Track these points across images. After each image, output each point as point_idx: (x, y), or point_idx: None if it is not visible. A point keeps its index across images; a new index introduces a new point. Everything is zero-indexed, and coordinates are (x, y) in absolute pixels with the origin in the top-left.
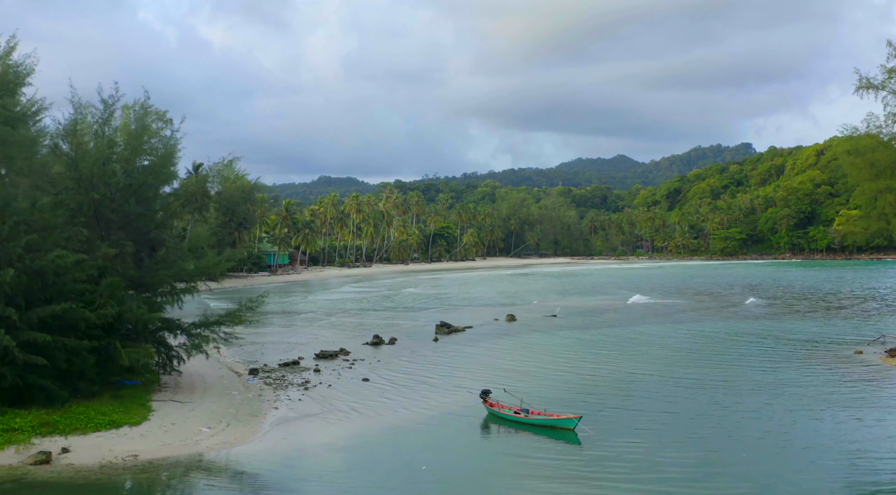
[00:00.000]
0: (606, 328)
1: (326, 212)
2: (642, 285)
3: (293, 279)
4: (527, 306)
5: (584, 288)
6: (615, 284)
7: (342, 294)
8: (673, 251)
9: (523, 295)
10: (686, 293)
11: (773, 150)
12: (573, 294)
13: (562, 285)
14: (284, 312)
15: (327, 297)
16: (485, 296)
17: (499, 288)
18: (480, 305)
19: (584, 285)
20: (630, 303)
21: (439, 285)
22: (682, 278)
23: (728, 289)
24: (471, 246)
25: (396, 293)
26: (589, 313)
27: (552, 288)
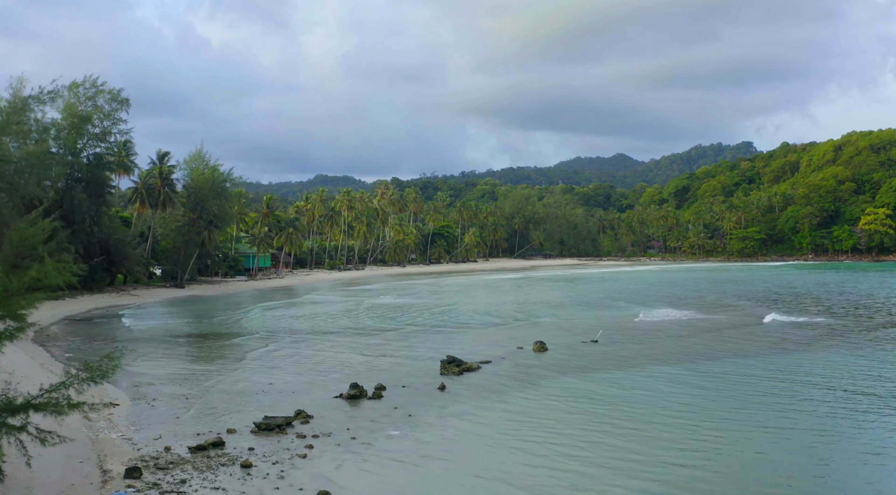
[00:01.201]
0: (674, 363)
1: (314, 209)
2: (673, 294)
3: (274, 284)
4: (552, 323)
5: (609, 297)
6: (642, 292)
7: (322, 306)
8: (687, 252)
9: (542, 306)
10: (739, 306)
11: (786, 146)
12: (599, 305)
13: (581, 292)
14: (238, 334)
15: (303, 311)
16: (495, 308)
17: (510, 296)
18: (493, 322)
19: (607, 293)
20: (670, 319)
21: (440, 291)
22: (715, 283)
23: (797, 298)
24: (472, 246)
25: (388, 304)
26: (636, 336)
27: (572, 296)
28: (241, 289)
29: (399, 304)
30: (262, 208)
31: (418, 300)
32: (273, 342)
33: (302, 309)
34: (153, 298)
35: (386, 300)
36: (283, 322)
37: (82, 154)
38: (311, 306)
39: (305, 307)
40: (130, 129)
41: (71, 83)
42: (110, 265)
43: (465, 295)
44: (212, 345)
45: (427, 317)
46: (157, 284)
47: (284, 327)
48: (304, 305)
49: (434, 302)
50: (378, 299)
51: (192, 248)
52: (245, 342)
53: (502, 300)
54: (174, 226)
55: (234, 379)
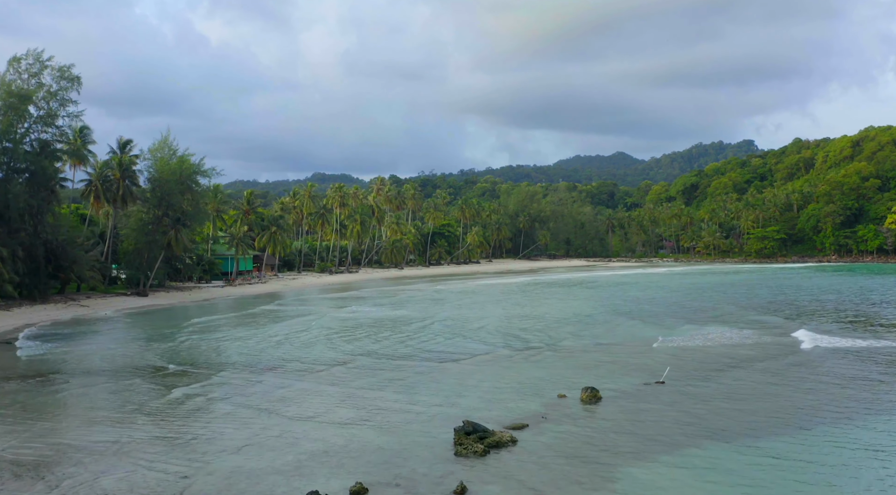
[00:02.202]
0: (793, 432)
1: (303, 206)
2: (710, 304)
3: (255, 291)
4: (583, 348)
5: (636, 308)
6: (670, 302)
7: (301, 322)
8: (702, 252)
9: (561, 323)
10: (797, 319)
11: (798, 142)
12: (629, 319)
13: (601, 302)
14: (163, 371)
15: (276, 329)
16: (508, 325)
17: (520, 307)
18: (510, 347)
19: (630, 303)
20: (733, 342)
21: (440, 300)
22: (750, 288)
23: (850, 311)
24: (475, 246)
25: (380, 319)
26: (709, 373)
27: (591, 307)
28: (215, 296)
29: (393, 319)
30: (242, 204)
31: (416, 313)
32: (212, 384)
33: (275, 326)
34: (105, 309)
35: (378, 312)
36: (243, 348)
37: (23, 140)
38: (287, 323)
39: (280, 325)
40: (82, 112)
41: (11, 58)
42: (57, 270)
43: (470, 305)
44: (118, 391)
45: (427, 339)
46: (118, 291)
47: (241, 359)
48: (280, 320)
49: (435, 315)
50: (368, 311)
51: (156, 250)
52: (173, 383)
53: (513, 313)
54: (136, 225)
55: (101, 471)
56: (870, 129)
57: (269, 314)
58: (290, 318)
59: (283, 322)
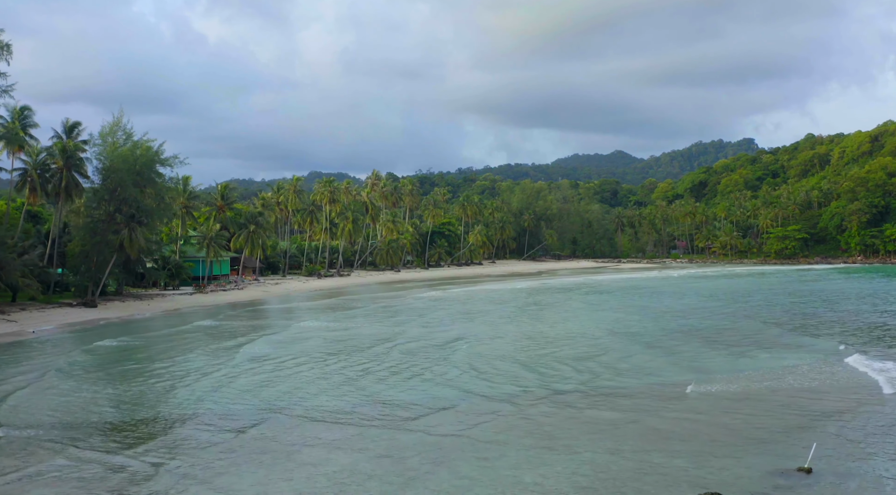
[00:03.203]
0: None
1: (288, 202)
2: (746, 314)
3: (229, 298)
4: (644, 391)
5: (672, 324)
6: (703, 315)
7: (269, 347)
8: (718, 252)
9: (593, 350)
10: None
11: (812, 138)
12: (676, 342)
13: (627, 314)
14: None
15: (228, 368)
16: (527, 353)
17: (535, 323)
18: (541, 397)
19: (659, 315)
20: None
21: (440, 310)
22: (793, 297)
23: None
24: (477, 247)
25: (363, 346)
26: (869, 448)
27: (619, 321)
28: (177, 306)
29: (380, 343)
30: (216, 199)
31: (410, 331)
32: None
33: (189, 358)
34: (41, 325)
35: (362, 329)
36: (99, 399)
37: None
38: (212, 353)
39: (197, 357)
40: (12, 86)
41: None
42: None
43: (476, 320)
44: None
45: (425, 388)
46: (64, 300)
47: (55, 418)
48: (209, 342)
49: (433, 337)
50: (353, 329)
51: (106, 253)
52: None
53: (528, 332)
54: (83, 223)
55: None
56: (889, 124)
57: (196, 336)
58: (226, 340)
59: (208, 347)
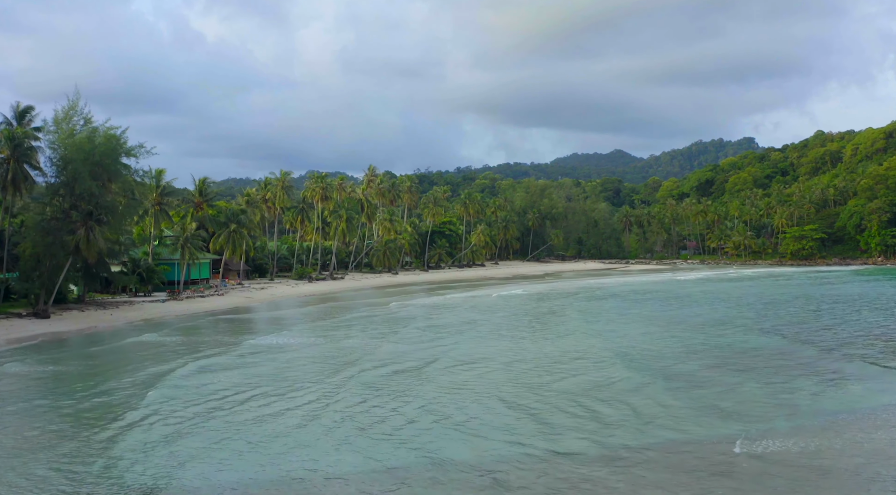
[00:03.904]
0: None
1: (276, 199)
2: (784, 329)
3: (207, 306)
4: (661, 453)
5: (726, 339)
6: (731, 330)
7: (235, 379)
8: (731, 253)
9: (625, 382)
10: None
11: (822, 135)
12: (736, 366)
13: (668, 328)
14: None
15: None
16: (537, 384)
17: (550, 337)
18: (544, 456)
19: (712, 328)
20: None
21: (439, 327)
22: (814, 301)
23: None
24: (480, 247)
25: (318, 376)
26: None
27: (662, 339)
28: (147, 316)
29: (338, 371)
30: (194, 196)
31: (382, 350)
32: None
33: (126, 398)
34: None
35: (327, 348)
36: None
37: None
38: (171, 382)
39: (153, 393)
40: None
41: None
42: None
43: (467, 333)
44: None
45: (368, 450)
46: (14, 310)
47: None
48: (169, 374)
49: (409, 359)
50: (317, 347)
51: (60, 256)
52: None
53: (526, 351)
54: (34, 222)
55: None
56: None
57: (119, 358)
58: (151, 365)
59: (121, 377)
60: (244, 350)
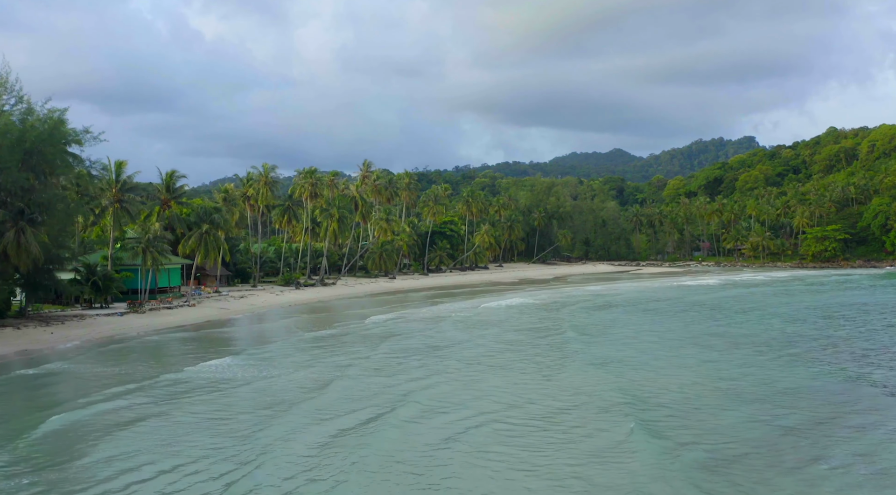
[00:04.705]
0: None
1: (258, 196)
2: (864, 357)
3: (168, 320)
4: None
5: (808, 379)
6: (794, 356)
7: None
8: (748, 255)
9: (662, 469)
10: None
11: (835, 131)
12: (845, 425)
13: (711, 358)
14: None
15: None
16: (524, 473)
17: (551, 374)
18: None
19: (772, 355)
20: None
21: (440, 354)
22: (875, 313)
23: None
24: (484, 248)
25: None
26: None
27: (707, 375)
28: (94, 334)
29: (241, 442)
30: (160, 193)
31: (330, 394)
32: None
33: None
34: None
35: (262, 386)
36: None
37: None
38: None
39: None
40: None
41: None
42: None
43: (467, 368)
44: None
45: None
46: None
47: None
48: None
49: (390, 412)
50: (251, 385)
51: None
52: None
53: (516, 395)
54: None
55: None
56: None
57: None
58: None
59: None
60: (157, 388)
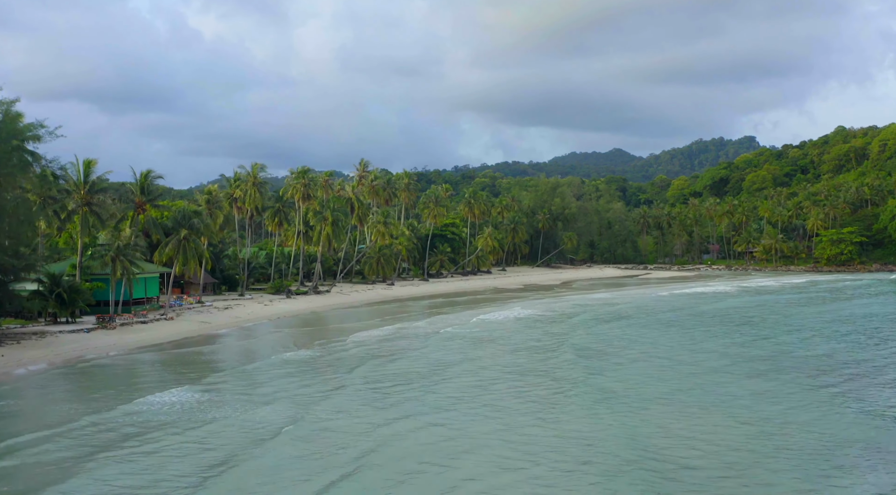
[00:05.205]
0: None
1: (246, 198)
2: None
3: (140, 338)
4: None
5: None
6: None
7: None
8: (760, 258)
9: None
10: None
11: (843, 130)
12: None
13: (781, 395)
14: None
15: None
16: None
17: (558, 422)
18: None
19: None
20: None
21: (396, 400)
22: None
23: None
24: (486, 252)
25: None
26: None
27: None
28: (54, 357)
29: None
30: (133, 194)
31: (284, 472)
32: None
33: None
34: None
35: (241, 423)
36: None
37: None
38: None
39: None
40: None
41: None
42: None
43: (446, 407)
44: None
45: None
46: None
47: None
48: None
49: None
50: (222, 426)
51: None
52: None
53: (515, 457)
54: None
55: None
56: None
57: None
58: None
59: None
60: (72, 436)
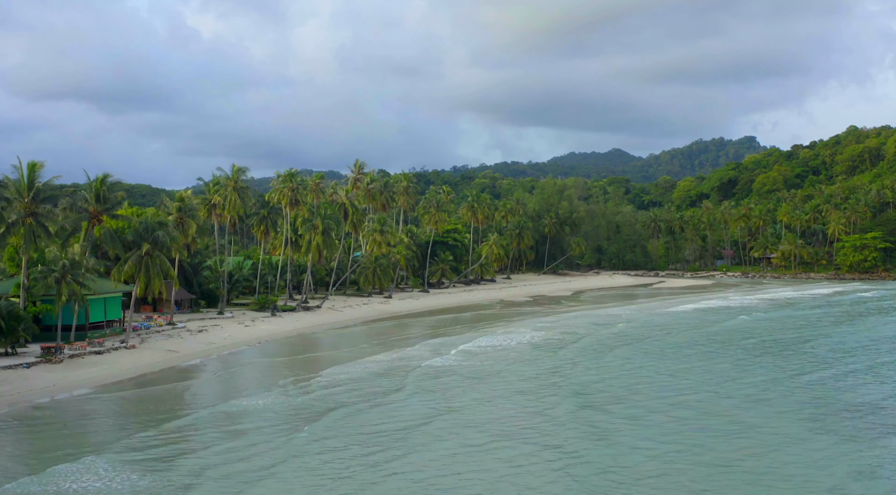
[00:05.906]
0: None
1: (226, 204)
2: None
3: (90, 374)
4: None
5: None
6: None
7: None
8: (778, 264)
9: None
10: None
11: (856, 130)
12: None
13: None
14: None
15: None
16: None
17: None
18: None
19: None
20: None
21: (359, 476)
22: None
23: None
24: (491, 260)
25: None
26: None
27: None
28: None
29: None
30: (89, 204)
31: None
32: None
33: None
34: None
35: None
36: None
37: None
38: None
39: None
40: None
41: None
42: None
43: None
44: None
45: None
46: None
47: None
48: None
49: None
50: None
51: None
52: None
53: None
54: None
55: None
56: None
57: None
58: None
59: None
60: None
